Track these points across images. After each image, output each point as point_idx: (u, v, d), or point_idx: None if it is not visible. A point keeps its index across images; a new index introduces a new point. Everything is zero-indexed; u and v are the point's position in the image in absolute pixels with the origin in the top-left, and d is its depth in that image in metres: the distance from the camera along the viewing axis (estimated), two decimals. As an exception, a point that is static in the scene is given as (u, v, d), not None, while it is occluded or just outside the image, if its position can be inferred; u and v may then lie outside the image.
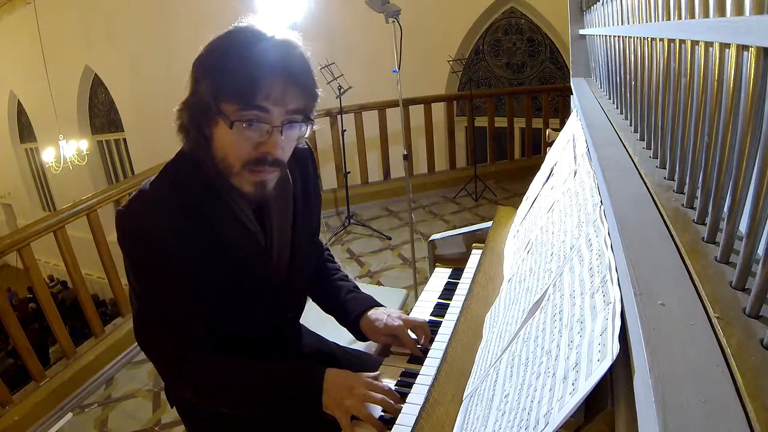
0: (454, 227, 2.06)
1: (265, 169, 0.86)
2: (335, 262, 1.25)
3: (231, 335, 0.98)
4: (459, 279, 1.32)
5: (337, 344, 1.28)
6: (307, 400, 0.91)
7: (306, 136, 0.92)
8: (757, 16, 0.42)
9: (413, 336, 1.09)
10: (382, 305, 1.14)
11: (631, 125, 1.02)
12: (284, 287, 1.02)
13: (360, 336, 1.12)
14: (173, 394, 1.13)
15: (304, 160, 1.05)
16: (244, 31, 0.83)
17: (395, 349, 1.09)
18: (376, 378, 0.96)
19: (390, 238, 3.83)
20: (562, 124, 1.54)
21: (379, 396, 0.90)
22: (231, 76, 0.80)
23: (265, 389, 0.93)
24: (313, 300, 1.21)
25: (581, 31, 1.73)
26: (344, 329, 1.16)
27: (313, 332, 1.30)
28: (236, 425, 1.05)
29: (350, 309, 1.11)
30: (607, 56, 1.25)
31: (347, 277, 1.20)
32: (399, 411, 0.89)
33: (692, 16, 0.60)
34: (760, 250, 0.46)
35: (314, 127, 0.90)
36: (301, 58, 0.84)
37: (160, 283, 0.89)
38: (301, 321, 1.33)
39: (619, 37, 1.09)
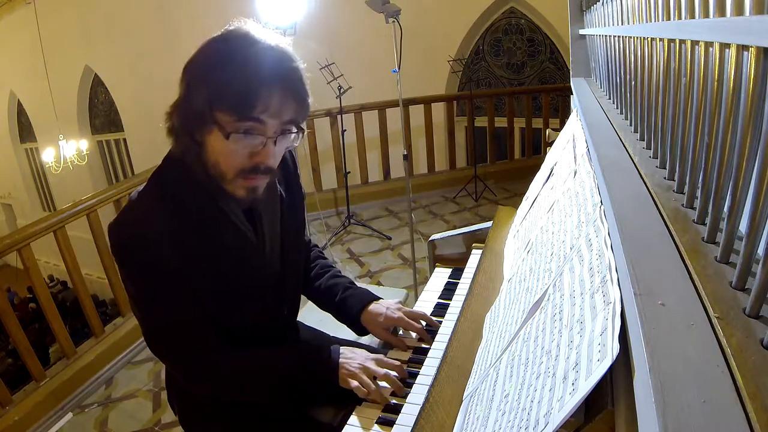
0: (454, 227, 2.06)
1: (257, 176, 0.88)
2: (326, 258, 1.27)
3: (233, 331, 1.00)
4: (459, 279, 1.32)
5: (338, 338, 1.29)
6: (324, 379, 0.96)
7: (297, 144, 0.94)
8: (757, 16, 0.42)
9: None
10: (379, 297, 1.16)
11: (631, 125, 1.02)
12: (278, 282, 1.05)
13: (361, 331, 1.14)
14: (174, 393, 1.13)
15: (284, 158, 1.07)
16: (240, 38, 0.83)
17: (402, 333, 1.13)
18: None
19: (390, 238, 3.83)
20: (562, 124, 1.54)
21: (394, 363, 0.97)
22: (228, 86, 0.80)
23: (284, 376, 0.97)
24: (310, 299, 1.22)
25: (581, 31, 1.73)
26: (343, 327, 1.18)
27: (313, 328, 1.31)
28: (232, 426, 1.06)
29: (350, 305, 1.14)
30: (607, 56, 1.25)
31: (340, 272, 1.23)
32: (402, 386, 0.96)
33: (692, 16, 0.60)
34: (760, 250, 0.46)
35: (305, 134, 0.92)
36: (297, 70, 0.85)
37: (158, 288, 0.90)
38: (302, 320, 1.34)
39: (619, 37, 1.09)
